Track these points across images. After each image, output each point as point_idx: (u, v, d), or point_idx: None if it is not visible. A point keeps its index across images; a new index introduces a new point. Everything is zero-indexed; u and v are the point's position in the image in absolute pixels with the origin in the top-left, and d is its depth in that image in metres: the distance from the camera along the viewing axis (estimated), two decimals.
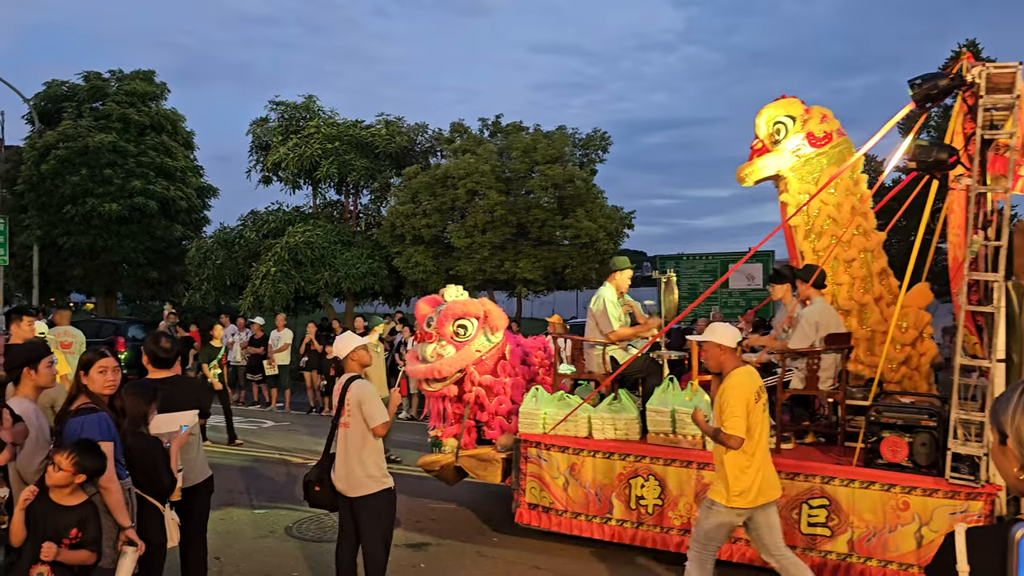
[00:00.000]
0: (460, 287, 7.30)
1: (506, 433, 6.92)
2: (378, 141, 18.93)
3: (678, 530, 5.95)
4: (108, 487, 3.72)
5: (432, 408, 7.28)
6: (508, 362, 7.09)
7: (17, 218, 23.52)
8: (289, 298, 17.73)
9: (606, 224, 16.73)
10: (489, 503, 7.91)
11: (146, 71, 25.13)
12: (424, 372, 6.78)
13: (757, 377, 4.71)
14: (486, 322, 6.90)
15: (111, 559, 3.72)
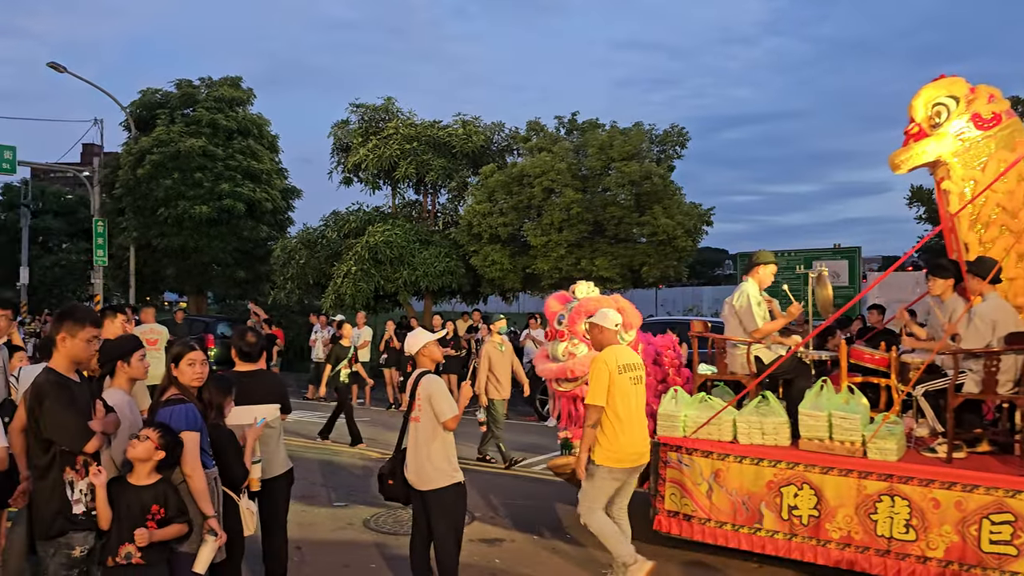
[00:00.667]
0: (591, 283, 7.05)
1: None
2: (455, 141, 19.12)
3: (837, 544, 5.47)
4: (192, 475, 3.89)
5: (562, 409, 7.05)
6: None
7: (115, 221, 24.70)
8: (369, 296, 18.08)
9: (684, 221, 16.49)
10: (565, 501, 7.90)
11: (234, 77, 26.03)
12: (556, 371, 6.62)
13: (625, 355, 5.51)
14: None
15: (195, 545, 3.88)
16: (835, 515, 5.51)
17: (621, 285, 17.30)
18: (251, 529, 4.32)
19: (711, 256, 78.78)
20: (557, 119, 18.82)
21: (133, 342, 4.38)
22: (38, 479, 3.64)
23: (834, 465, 5.56)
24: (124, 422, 3.96)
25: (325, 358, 12.05)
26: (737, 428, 6.07)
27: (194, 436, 3.93)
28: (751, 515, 5.83)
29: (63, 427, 3.52)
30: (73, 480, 3.59)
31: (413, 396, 4.90)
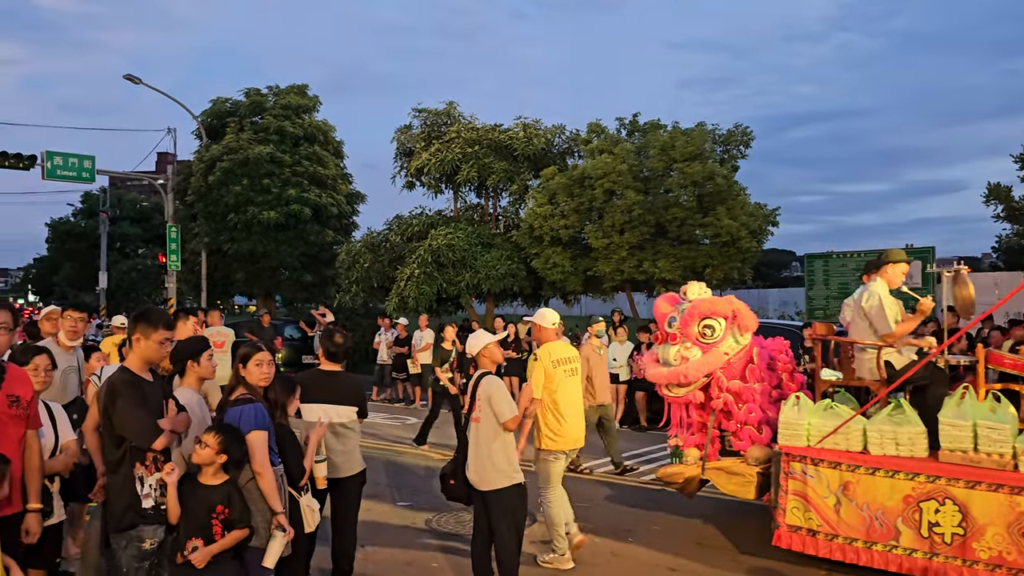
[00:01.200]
0: (702, 284, 6.79)
1: (757, 444, 6.35)
2: (516, 144, 19.17)
3: (985, 565, 5.07)
4: (262, 472, 3.99)
5: (673, 415, 6.84)
6: (756, 366, 6.50)
7: (188, 226, 25.50)
8: (432, 299, 18.24)
9: (748, 222, 16.21)
10: (624, 503, 7.85)
11: (300, 85, 26.60)
12: (668, 376, 6.39)
13: (560, 350, 6.11)
14: (735, 322, 6.37)
15: (263, 539, 3.99)
16: (983, 534, 5.11)
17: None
18: (311, 526, 4.39)
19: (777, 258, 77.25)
20: (618, 120, 18.72)
21: (202, 343, 4.53)
22: (110, 474, 3.78)
23: (981, 479, 5.16)
24: (194, 420, 4.09)
25: (433, 361, 11.78)
26: (868, 438, 5.66)
27: (262, 435, 4.03)
28: (886, 531, 5.43)
29: (133, 424, 3.65)
30: (143, 475, 3.72)
31: (474, 397, 4.94)
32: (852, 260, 18.10)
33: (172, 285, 23.86)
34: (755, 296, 42.60)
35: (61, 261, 49.36)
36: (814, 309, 18.30)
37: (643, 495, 8.25)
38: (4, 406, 3.57)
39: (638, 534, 6.82)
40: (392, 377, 16.32)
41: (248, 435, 3.98)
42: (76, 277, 46.51)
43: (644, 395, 12.51)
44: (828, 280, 18.24)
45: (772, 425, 6.28)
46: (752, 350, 6.48)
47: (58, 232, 48.19)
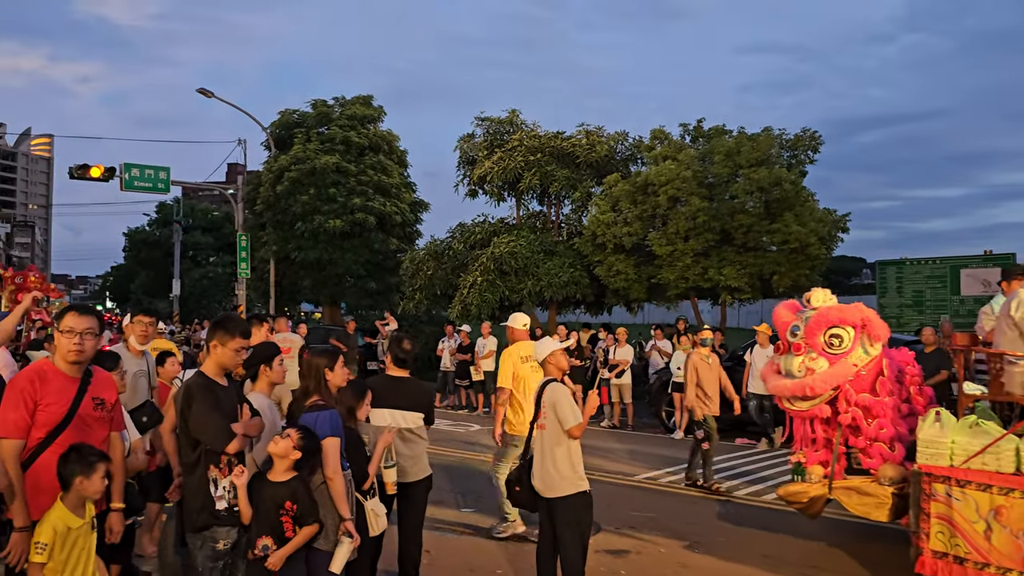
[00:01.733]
0: (827, 291, 6.45)
1: (889, 463, 5.94)
2: (579, 151, 19.15)
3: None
4: (333, 478, 4.06)
5: (796, 430, 6.48)
6: (887, 378, 6.08)
7: (257, 235, 26.15)
8: (495, 306, 18.30)
9: (817, 228, 15.85)
10: (691, 515, 7.73)
11: (365, 96, 27.09)
12: (792, 389, 6.02)
13: (527, 348, 6.51)
14: (864, 331, 5.98)
15: (332, 543, 4.05)
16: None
17: (750, 295, 16.81)
18: (376, 530, 4.43)
19: (847, 265, 75.35)
20: (682, 126, 18.55)
21: (274, 348, 4.63)
22: (186, 475, 3.90)
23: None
24: (266, 424, 4.18)
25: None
26: (1021, 458, 5.20)
27: (336, 442, 4.10)
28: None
29: (208, 428, 3.75)
30: (217, 478, 3.81)
31: (539, 404, 4.94)
32: (926, 267, 17.55)
33: (242, 292, 24.46)
34: None
35: (137, 269, 51.13)
36: (886, 318, 17.71)
37: (720, 507, 8.12)
38: (90, 408, 3.70)
39: (705, 545, 6.71)
40: (455, 384, 16.43)
41: (323, 441, 4.06)
42: (151, 284, 48.11)
43: None
44: (901, 288, 17.71)
45: (904, 442, 5.91)
46: (882, 361, 6.10)
47: (134, 241, 49.94)
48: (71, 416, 3.61)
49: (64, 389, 3.64)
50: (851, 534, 7.11)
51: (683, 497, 8.52)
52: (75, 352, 3.64)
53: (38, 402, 3.54)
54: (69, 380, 3.68)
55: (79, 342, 3.64)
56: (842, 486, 6.11)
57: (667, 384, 13.19)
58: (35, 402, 3.54)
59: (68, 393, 3.64)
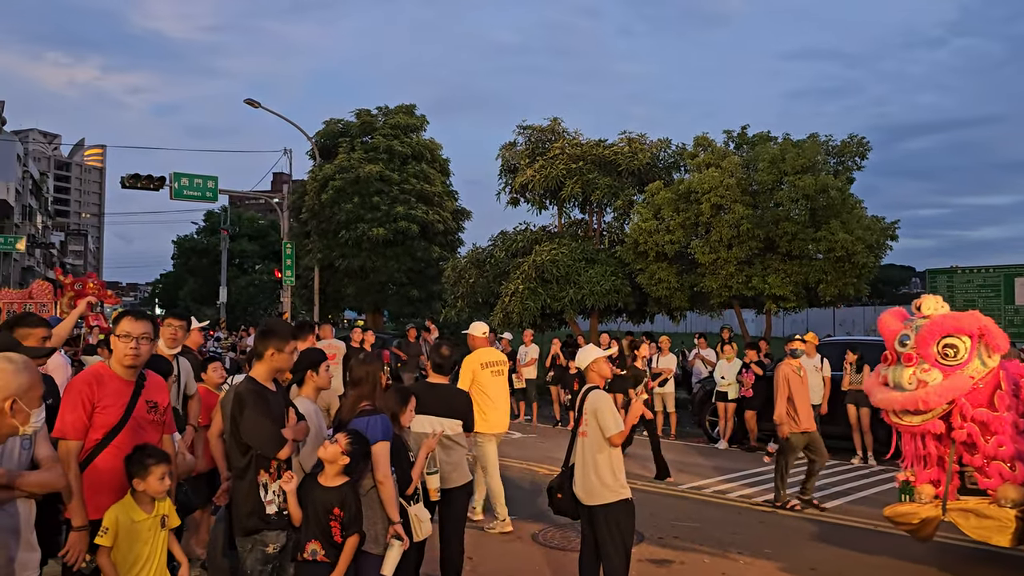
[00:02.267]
0: (939, 298, 6.13)
1: (1010, 483, 5.60)
2: (621, 159, 19.09)
3: None
4: (384, 482, 4.12)
5: (906, 447, 6.15)
6: (1005, 392, 5.73)
7: (302, 243, 26.57)
8: (536, 314, 18.30)
9: (865, 236, 15.55)
10: (736, 525, 7.64)
11: (408, 105, 27.39)
12: (903, 402, 5.73)
13: (489, 355, 7.34)
14: (982, 341, 5.69)
15: (382, 547, 4.10)
16: None
17: (795, 304, 16.56)
18: (420, 536, 4.46)
19: (896, 274, 73.94)
20: (726, 133, 18.36)
21: (321, 354, 4.71)
22: (236, 479, 3.97)
23: None
24: (311, 429, 4.25)
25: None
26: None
27: (387, 446, 4.17)
28: None
29: (260, 433, 3.82)
30: (267, 482, 3.88)
31: (581, 411, 4.94)
32: (978, 276, 17.15)
33: (287, 299, 24.85)
34: (872, 313, 40.89)
35: (186, 276, 52.23)
36: None
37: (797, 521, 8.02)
38: (144, 411, 3.80)
39: (750, 556, 6.63)
40: None
41: (374, 446, 4.12)
42: (199, 291, 49.11)
43: (754, 414, 12.19)
44: (952, 297, 17.31)
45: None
46: (999, 373, 5.76)
47: (183, 249, 51.04)
48: (126, 418, 3.71)
49: (120, 392, 3.74)
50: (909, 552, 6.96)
51: (728, 507, 8.43)
52: (131, 356, 3.74)
53: (95, 404, 3.64)
54: (124, 383, 3.78)
55: (135, 346, 3.74)
56: (958, 507, 5.81)
57: (711, 393, 13.07)
58: (92, 404, 3.64)
59: (124, 396, 3.74)
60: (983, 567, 6.49)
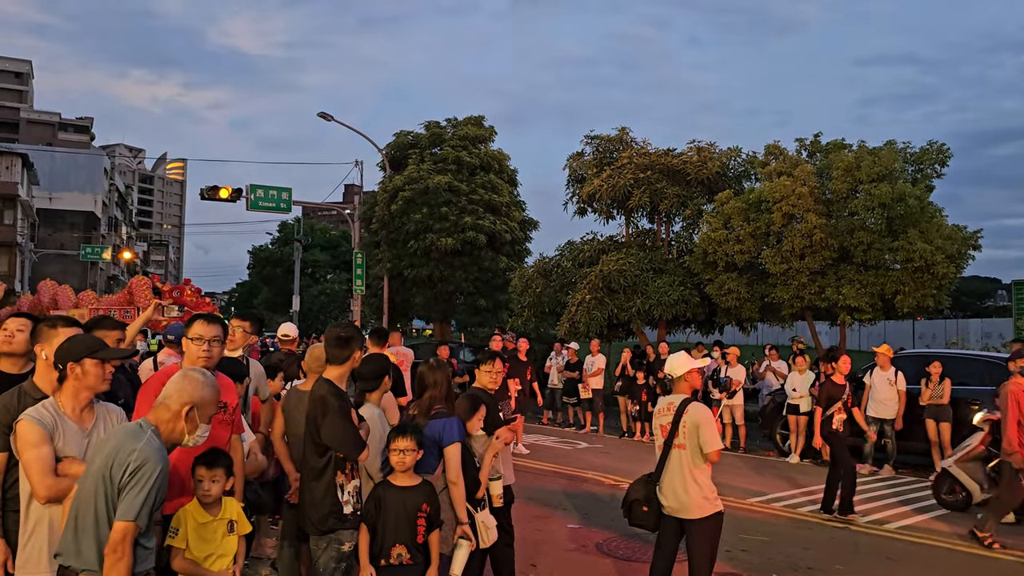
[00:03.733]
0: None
1: None
2: (690, 168, 18.88)
3: None
4: (456, 482, 4.22)
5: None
6: None
7: (372, 253, 27.02)
8: (603, 324, 18.21)
9: (945, 245, 15.00)
10: (806, 540, 7.46)
11: (476, 117, 27.63)
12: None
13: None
14: None
15: (450, 547, 4.17)
16: None
17: (871, 315, 16.09)
18: (486, 542, 4.50)
19: (979, 286, 71.23)
20: (798, 141, 18.00)
21: (387, 362, 4.81)
22: (312, 480, 4.05)
23: None
24: (375, 433, 4.33)
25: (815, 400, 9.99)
26: None
27: (459, 448, 4.28)
28: None
29: (342, 436, 3.92)
30: (343, 483, 3.98)
31: (678, 422, 4.88)
32: None
33: (357, 308, 25.30)
34: (953, 326, 39.39)
35: (260, 285, 53.67)
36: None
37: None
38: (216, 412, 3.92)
39: (821, 572, 6.46)
40: (563, 401, 16.44)
41: (448, 447, 4.21)
42: (273, 300, 50.39)
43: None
44: None
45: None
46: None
47: (258, 259, 52.46)
48: None
49: None
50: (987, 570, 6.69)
51: (797, 522, 8.24)
52: (204, 358, 3.88)
53: None
54: None
55: (207, 348, 3.88)
56: None
57: (782, 406, 12.79)
58: None
59: None
60: None
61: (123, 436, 2.97)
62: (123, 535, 2.79)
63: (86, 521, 2.86)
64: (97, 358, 3.37)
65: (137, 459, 2.86)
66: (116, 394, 4.07)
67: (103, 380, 3.42)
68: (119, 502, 2.83)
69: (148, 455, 2.89)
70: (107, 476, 2.85)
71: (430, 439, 4.25)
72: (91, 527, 2.86)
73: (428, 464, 4.23)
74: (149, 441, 2.95)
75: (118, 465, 2.86)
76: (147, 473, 2.85)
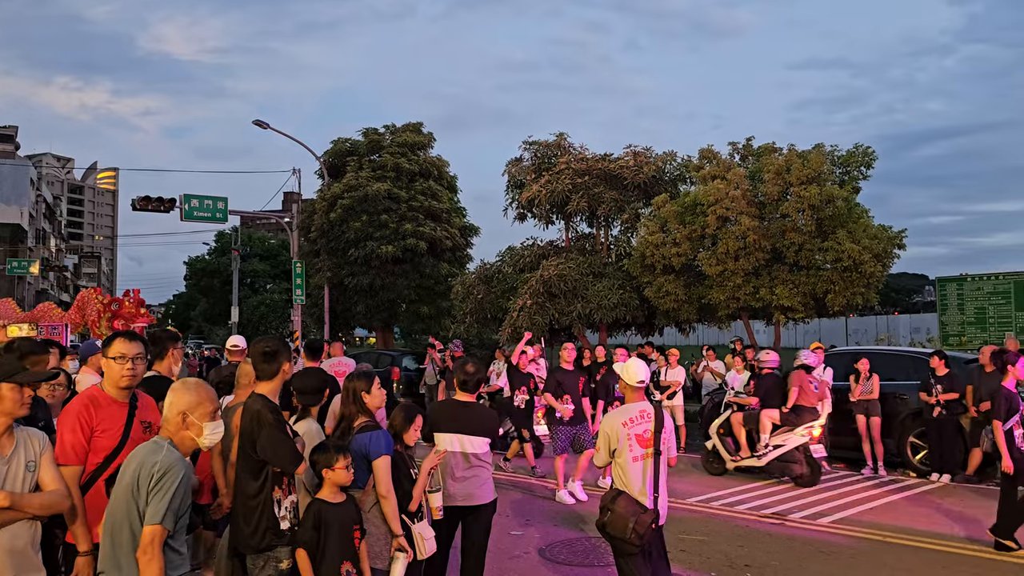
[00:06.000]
0: None
1: None
2: (626, 173, 19.14)
3: None
4: (387, 496, 4.17)
5: None
6: None
7: (312, 262, 26.70)
8: (544, 329, 18.32)
9: (872, 245, 15.52)
10: (743, 539, 7.62)
11: (415, 123, 27.57)
12: None
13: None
14: None
15: (385, 561, 4.14)
16: None
17: (804, 314, 16.52)
18: (423, 554, 4.45)
19: (908, 282, 73.66)
20: (731, 145, 18.40)
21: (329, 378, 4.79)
22: (249, 497, 3.94)
23: None
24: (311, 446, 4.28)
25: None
26: None
27: (388, 460, 4.22)
28: None
29: (280, 450, 3.84)
30: (280, 498, 3.91)
31: (660, 429, 4.88)
32: (988, 283, 17.09)
33: (297, 318, 24.96)
34: (883, 322, 40.68)
35: (197, 297, 52.51)
36: (948, 335, 17.33)
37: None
38: (140, 432, 3.80)
39: (758, 569, 6.61)
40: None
41: (376, 460, 4.17)
42: (210, 312, 49.34)
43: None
44: (963, 304, 17.27)
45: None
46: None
47: (194, 269, 51.32)
48: (124, 441, 3.71)
49: (116, 415, 3.75)
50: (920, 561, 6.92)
51: (735, 521, 8.40)
52: (128, 377, 3.77)
53: (94, 428, 3.66)
54: (119, 405, 3.79)
55: (132, 367, 3.77)
56: None
57: (720, 405, 13.00)
58: (91, 428, 3.66)
59: (120, 418, 3.76)
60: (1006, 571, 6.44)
61: (145, 453, 3.22)
62: (151, 538, 3.04)
63: (121, 537, 3.12)
64: (14, 382, 3.27)
65: (160, 468, 3.12)
66: (36, 417, 3.95)
67: (21, 405, 3.32)
68: (146, 509, 3.08)
69: (171, 462, 3.16)
70: (135, 490, 3.11)
71: (358, 453, 4.20)
72: (127, 542, 3.11)
73: (358, 479, 4.19)
74: (169, 451, 3.22)
75: (144, 478, 3.11)
76: (171, 479, 3.11)
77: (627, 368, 5.02)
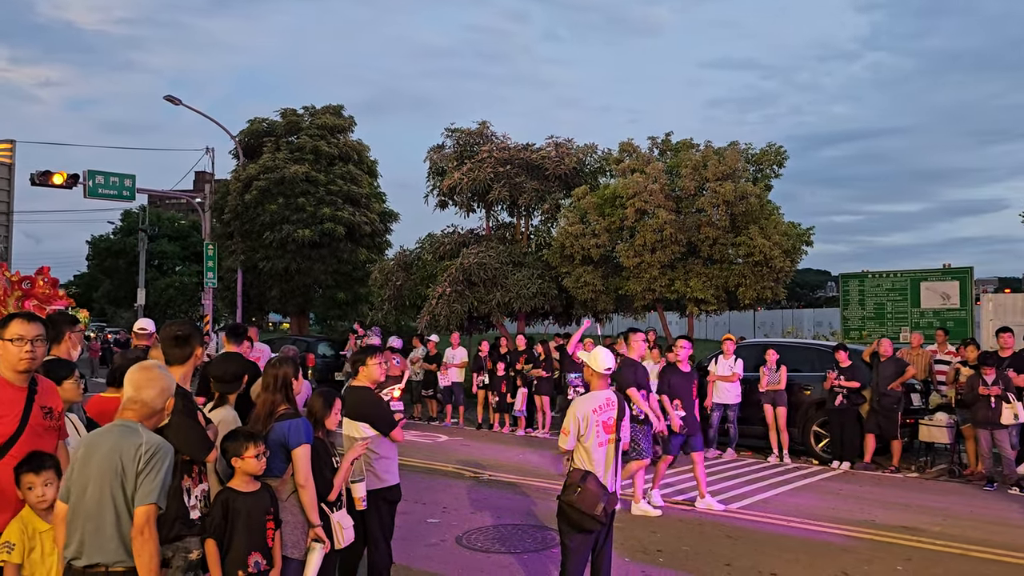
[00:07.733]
0: None
1: None
2: (548, 163, 19.26)
3: None
4: (305, 486, 4.09)
5: None
6: None
7: (224, 244, 25.94)
8: (463, 317, 18.31)
9: (782, 241, 16.10)
10: (653, 524, 7.80)
11: (335, 106, 27.02)
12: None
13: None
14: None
15: (303, 551, 4.06)
16: None
17: (716, 307, 17.00)
18: (341, 543, 4.41)
19: (812, 278, 76.52)
20: (650, 140, 18.73)
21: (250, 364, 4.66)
22: None
23: None
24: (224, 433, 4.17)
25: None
26: None
27: (308, 449, 4.14)
28: None
29: (188, 437, 3.71)
30: (190, 487, 3.79)
31: (621, 417, 4.99)
32: (887, 280, 17.89)
33: (208, 302, 24.24)
34: (789, 316, 42.21)
35: (101, 278, 50.27)
36: (849, 329, 18.10)
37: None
38: (40, 418, 3.63)
39: (668, 555, 6.78)
40: (421, 395, 16.39)
41: (295, 449, 4.08)
42: (115, 294, 47.35)
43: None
44: (863, 300, 18.03)
45: None
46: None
47: (98, 249, 49.12)
48: (23, 427, 3.53)
49: (14, 400, 3.56)
50: (824, 545, 7.21)
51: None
52: (27, 360, 3.57)
53: None
54: (17, 390, 3.58)
55: (31, 349, 3.57)
56: None
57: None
58: None
59: (18, 403, 3.56)
60: (899, 554, 6.78)
61: (116, 436, 3.10)
62: (147, 517, 3.00)
63: (103, 521, 3.02)
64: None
65: (148, 448, 3.06)
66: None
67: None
68: (137, 489, 3.01)
69: (157, 442, 3.12)
70: (119, 473, 3.01)
71: (276, 442, 4.11)
72: (110, 524, 3.02)
73: (276, 467, 4.11)
74: (148, 432, 3.15)
75: (128, 459, 3.02)
76: (161, 458, 3.08)
77: (594, 356, 5.18)
